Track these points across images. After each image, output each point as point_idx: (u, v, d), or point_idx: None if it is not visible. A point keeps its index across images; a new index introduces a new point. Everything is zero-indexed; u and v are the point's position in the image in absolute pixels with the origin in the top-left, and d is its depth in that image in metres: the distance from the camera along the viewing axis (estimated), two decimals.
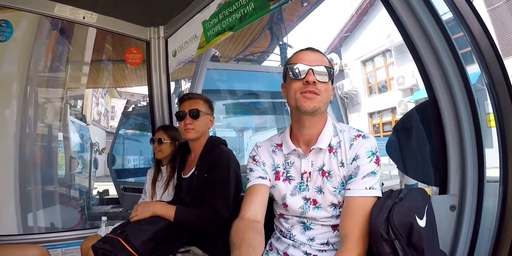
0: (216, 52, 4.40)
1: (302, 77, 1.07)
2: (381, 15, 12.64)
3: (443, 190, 1.19)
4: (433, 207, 1.03)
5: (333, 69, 1.11)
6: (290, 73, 1.10)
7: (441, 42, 1.19)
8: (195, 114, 1.62)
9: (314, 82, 1.06)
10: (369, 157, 1.06)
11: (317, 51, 1.15)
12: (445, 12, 1.20)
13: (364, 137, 1.10)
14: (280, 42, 5.28)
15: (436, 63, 1.20)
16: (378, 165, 1.07)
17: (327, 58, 1.16)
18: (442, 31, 1.19)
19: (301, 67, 1.08)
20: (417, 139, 1.42)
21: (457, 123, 1.16)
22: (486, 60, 1.03)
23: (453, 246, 1.15)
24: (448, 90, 1.18)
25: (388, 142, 1.56)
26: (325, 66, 1.08)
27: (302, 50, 1.16)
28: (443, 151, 1.20)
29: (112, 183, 5.80)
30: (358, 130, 1.14)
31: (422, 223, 0.93)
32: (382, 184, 1.10)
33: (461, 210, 1.15)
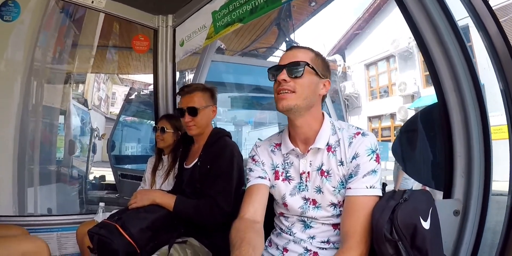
0: (221, 44, 4.37)
1: (276, 77, 1.06)
2: (387, 21, 12.85)
3: (448, 195, 1.18)
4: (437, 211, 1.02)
5: (307, 63, 1.06)
6: (269, 76, 1.10)
7: (454, 43, 1.16)
8: (193, 111, 1.60)
9: (284, 80, 1.04)
10: (369, 155, 1.04)
11: (300, 48, 1.13)
12: (460, 18, 1.18)
13: (363, 134, 1.08)
14: (287, 39, 5.24)
15: (447, 64, 1.17)
16: (379, 163, 1.05)
17: (316, 53, 1.12)
18: (456, 34, 1.16)
19: (275, 68, 1.08)
20: (423, 141, 1.40)
21: (465, 125, 1.14)
22: (501, 60, 1.01)
23: (455, 252, 1.13)
24: (458, 92, 1.16)
25: (394, 143, 1.55)
26: (298, 61, 1.06)
27: (286, 50, 1.15)
28: (449, 154, 1.18)
29: (108, 169, 5.79)
30: (358, 128, 1.11)
31: (426, 225, 0.91)
32: (385, 184, 1.08)
33: (465, 215, 1.14)
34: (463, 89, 1.14)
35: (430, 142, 1.36)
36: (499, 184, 1.25)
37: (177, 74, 5.97)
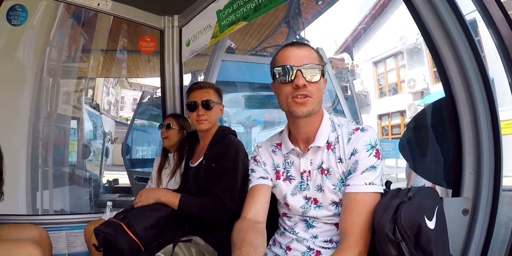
0: (231, 44, 4.37)
1: (290, 79, 1.01)
2: (394, 18, 12.83)
3: (456, 193, 1.13)
4: (445, 210, 0.98)
5: (323, 65, 1.03)
6: (277, 76, 1.03)
7: (461, 36, 1.12)
8: (208, 105, 1.60)
9: (304, 85, 1.00)
10: (368, 150, 1.01)
11: (304, 45, 1.07)
12: (467, 12, 1.14)
13: (362, 130, 1.05)
14: (297, 37, 5.20)
15: (454, 58, 1.13)
16: (379, 158, 1.01)
17: (316, 51, 1.07)
18: (463, 27, 1.12)
19: (288, 69, 1.01)
20: (431, 137, 1.35)
21: (474, 121, 1.10)
22: (509, 52, 0.96)
23: (463, 253, 1.09)
24: (465, 86, 1.11)
25: (401, 140, 1.51)
26: (314, 64, 1.01)
27: (287, 46, 1.07)
28: (458, 151, 1.14)
29: (120, 172, 5.87)
30: (357, 123, 1.08)
31: (431, 224, 0.88)
32: (390, 182, 1.05)
33: (474, 214, 1.09)
34: (471, 83, 1.10)
35: (438, 139, 1.31)
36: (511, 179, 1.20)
37: (189, 75, 6.03)
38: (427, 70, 12.04)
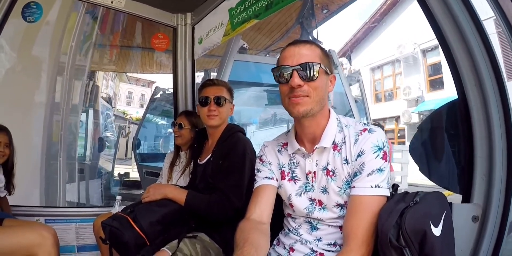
0: (244, 44, 4.37)
1: (287, 80, 1.00)
2: (394, 26, 13.40)
3: (466, 199, 1.09)
4: (453, 216, 0.96)
5: (320, 64, 1.00)
6: (276, 76, 1.03)
7: (476, 38, 1.08)
8: (220, 101, 1.61)
9: (299, 85, 0.98)
10: (375, 152, 0.98)
11: (305, 43, 1.04)
12: (486, 18, 1.10)
13: (370, 131, 1.02)
14: (310, 37, 5.15)
15: (468, 59, 1.08)
16: (386, 161, 0.98)
17: (321, 48, 1.05)
18: (478, 29, 1.08)
19: (284, 70, 1.00)
20: (443, 140, 1.31)
21: (487, 124, 1.05)
22: None
23: None
24: (479, 88, 1.06)
25: (411, 142, 1.47)
26: (310, 63, 0.99)
27: (288, 45, 1.06)
28: (470, 155, 1.09)
29: (126, 166, 5.95)
30: (365, 124, 1.06)
31: (437, 231, 0.84)
32: (397, 185, 1.03)
33: (484, 222, 1.05)
34: (484, 85, 1.05)
35: (450, 142, 1.27)
36: None
37: (202, 73, 6.07)
38: (422, 78, 12.41)
